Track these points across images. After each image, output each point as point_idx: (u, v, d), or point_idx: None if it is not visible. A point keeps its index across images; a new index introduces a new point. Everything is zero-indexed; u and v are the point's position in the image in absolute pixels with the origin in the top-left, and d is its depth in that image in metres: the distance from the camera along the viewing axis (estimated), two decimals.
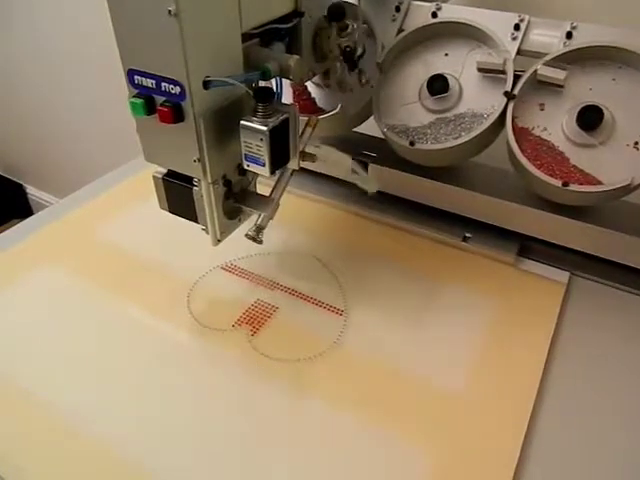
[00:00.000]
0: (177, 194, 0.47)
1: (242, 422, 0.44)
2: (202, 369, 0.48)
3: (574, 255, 0.58)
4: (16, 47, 1.34)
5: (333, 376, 0.47)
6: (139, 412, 0.45)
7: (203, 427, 0.44)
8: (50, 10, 1.20)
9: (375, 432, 0.43)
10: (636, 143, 0.49)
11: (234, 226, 0.50)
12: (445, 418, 0.44)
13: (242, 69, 0.42)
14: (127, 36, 0.39)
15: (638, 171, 0.49)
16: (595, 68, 0.51)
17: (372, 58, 0.57)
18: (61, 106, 1.38)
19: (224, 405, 0.45)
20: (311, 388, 0.47)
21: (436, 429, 0.44)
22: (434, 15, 0.57)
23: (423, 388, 0.46)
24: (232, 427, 0.44)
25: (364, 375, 0.48)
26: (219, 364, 0.49)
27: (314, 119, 0.49)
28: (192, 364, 0.49)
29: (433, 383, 0.47)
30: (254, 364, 0.48)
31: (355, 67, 0.51)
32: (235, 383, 0.47)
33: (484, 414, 0.45)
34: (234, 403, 0.46)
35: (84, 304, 0.54)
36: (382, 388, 0.47)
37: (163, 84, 0.39)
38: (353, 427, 0.44)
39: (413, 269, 0.59)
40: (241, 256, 0.60)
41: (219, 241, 0.49)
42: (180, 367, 0.48)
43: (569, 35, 0.51)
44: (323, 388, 0.46)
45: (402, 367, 0.48)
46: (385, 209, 0.65)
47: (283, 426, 0.44)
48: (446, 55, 0.56)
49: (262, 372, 0.48)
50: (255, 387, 0.47)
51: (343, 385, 0.47)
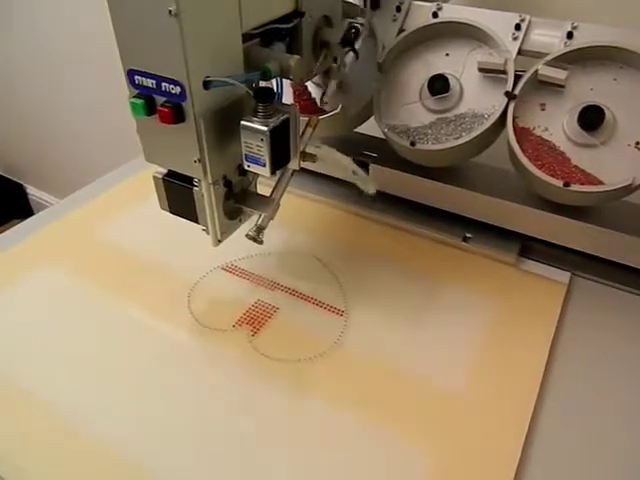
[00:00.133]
0: (177, 194, 0.47)
1: (242, 422, 0.44)
2: (202, 369, 0.48)
3: (575, 255, 0.58)
4: (16, 47, 1.34)
5: (333, 376, 0.47)
6: (139, 412, 0.45)
7: (203, 427, 0.44)
8: (50, 10, 1.20)
9: (375, 432, 0.43)
10: (637, 143, 0.49)
11: (234, 226, 0.50)
12: (445, 418, 0.44)
13: (242, 69, 0.42)
14: (127, 36, 0.39)
15: (639, 171, 0.49)
16: (596, 68, 0.51)
17: (373, 58, 0.57)
18: (61, 106, 1.38)
19: (224, 405, 0.45)
20: (311, 388, 0.47)
21: (436, 429, 0.43)
22: (435, 15, 0.57)
23: (423, 388, 0.46)
24: (232, 427, 0.44)
25: (364, 375, 0.48)
26: (219, 364, 0.49)
27: (315, 119, 0.49)
28: (192, 364, 0.49)
29: (433, 383, 0.47)
30: (254, 364, 0.48)
31: (354, 51, 0.51)
32: (235, 383, 0.47)
33: (484, 414, 0.45)
34: (234, 403, 0.46)
35: (84, 304, 0.54)
36: (382, 388, 0.47)
37: (163, 84, 0.39)
38: (353, 427, 0.43)
39: (413, 269, 0.59)
40: (241, 256, 0.60)
41: (219, 241, 0.49)
42: (180, 367, 0.48)
43: (570, 35, 0.51)
44: (323, 388, 0.46)
45: (402, 367, 0.48)
46: (385, 209, 0.65)
47: (283, 426, 0.44)
48: (447, 55, 0.56)
49: (262, 372, 0.48)
50: (255, 387, 0.47)
51: (343, 385, 0.47)
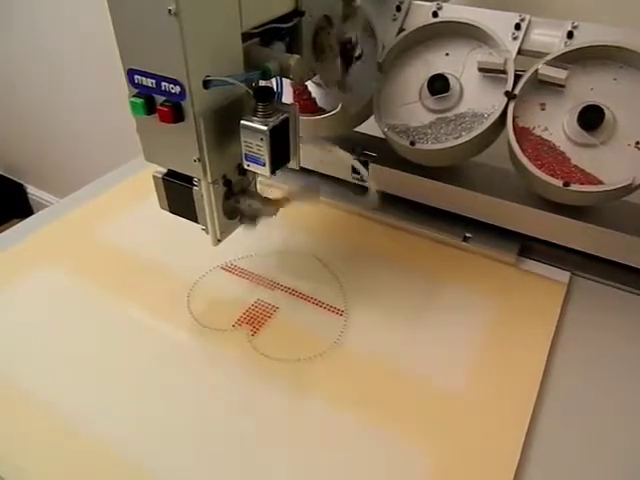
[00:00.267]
0: (177, 194, 0.47)
1: (242, 422, 0.44)
2: (202, 369, 0.48)
3: (575, 255, 0.58)
4: (16, 47, 1.34)
5: (333, 376, 0.47)
6: (139, 412, 0.45)
7: (203, 427, 0.44)
8: (50, 10, 1.20)
9: (375, 432, 0.43)
10: (637, 143, 0.49)
11: (234, 226, 0.50)
12: (445, 418, 0.44)
13: (242, 68, 0.42)
14: (127, 36, 0.38)
15: (639, 171, 0.48)
16: (596, 68, 0.51)
17: (373, 58, 0.57)
18: (61, 106, 1.38)
19: (224, 405, 0.45)
20: (311, 388, 0.46)
21: (436, 429, 0.43)
22: (435, 15, 0.57)
23: (423, 388, 0.46)
24: (232, 427, 0.44)
25: (364, 375, 0.48)
26: (219, 364, 0.49)
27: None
28: (192, 364, 0.49)
29: (433, 383, 0.47)
30: (254, 364, 0.48)
31: (350, 64, 0.51)
32: (235, 383, 0.47)
33: (484, 414, 0.45)
34: (234, 403, 0.46)
35: (84, 304, 0.54)
36: (382, 388, 0.47)
37: (163, 84, 0.39)
38: (353, 427, 0.43)
39: (413, 269, 0.58)
40: (241, 256, 0.60)
41: (219, 241, 0.49)
42: (180, 367, 0.48)
43: (570, 35, 0.51)
44: (323, 388, 0.46)
45: (402, 367, 0.48)
46: (385, 209, 0.64)
47: (283, 426, 0.44)
48: (447, 55, 0.56)
49: (262, 372, 0.48)
50: (255, 387, 0.46)
51: (343, 385, 0.47)
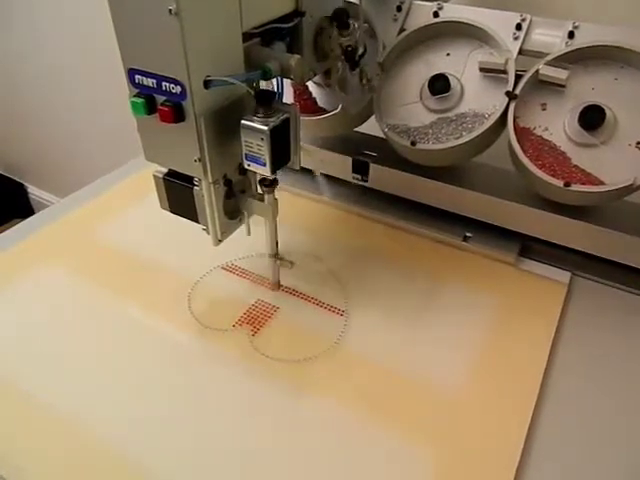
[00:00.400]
0: (178, 194, 0.47)
1: (242, 422, 0.44)
2: (202, 369, 0.48)
3: (575, 255, 0.58)
4: (16, 47, 1.34)
5: (333, 376, 0.47)
6: (139, 412, 0.45)
7: (203, 427, 0.44)
8: (50, 10, 1.20)
9: (375, 432, 0.43)
10: (638, 143, 0.49)
11: (235, 226, 0.50)
12: (445, 418, 0.44)
13: (243, 69, 0.42)
14: (128, 36, 0.38)
15: None
16: (597, 68, 0.51)
17: (374, 58, 0.57)
18: (61, 106, 1.38)
19: (224, 405, 0.45)
20: (311, 388, 0.46)
21: (436, 429, 0.43)
22: (435, 15, 0.57)
23: (423, 388, 0.46)
24: (232, 426, 0.44)
25: (364, 375, 0.48)
26: (220, 364, 0.48)
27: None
28: (192, 364, 0.49)
29: (433, 383, 0.47)
30: (255, 364, 0.48)
31: (356, 66, 0.51)
32: (235, 383, 0.47)
33: (485, 414, 0.45)
34: (234, 403, 0.45)
35: (84, 304, 0.54)
36: (383, 388, 0.47)
37: (164, 83, 0.39)
38: (353, 427, 0.43)
39: (413, 269, 0.58)
40: (241, 256, 0.60)
41: (220, 241, 0.49)
42: (180, 367, 0.48)
43: (571, 35, 0.51)
44: (323, 388, 0.46)
45: (402, 367, 0.48)
46: (385, 209, 0.65)
47: (283, 426, 0.44)
48: (448, 55, 0.56)
49: (262, 372, 0.48)
50: (255, 387, 0.46)
51: (343, 385, 0.47)
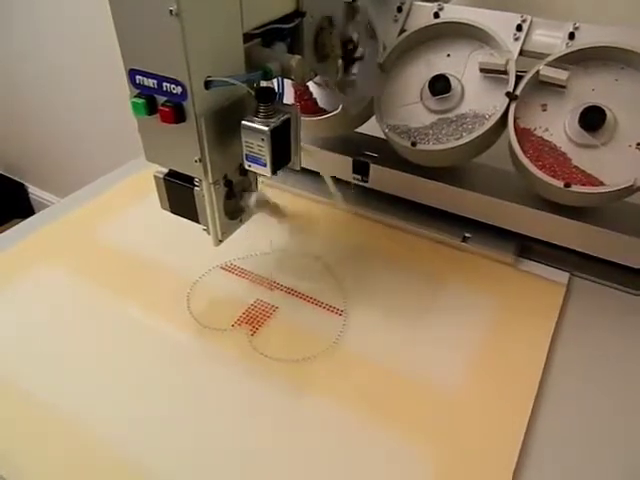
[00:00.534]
0: (178, 194, 0.47)
1: (241, 421, 0.44)
2: (202, 369, 0.48)
3: (574, 256, 0.58)
4: (16, 47, 1.34)
5: (332, 376, 0.47)
6: (139, 412, 0.45)
7: (203, 427, 0.44)
8: (50, 10, 1.20)
9: (375, 432, 0.43)
10: (638, 144, 0.49)
11: (235, 226, 0.50)
12: (445, 418, 0.44)
13: (244, 69, 0.42)
14: (128, 36, 0.39)
15: None
16: (598, 69, 0.51)
17: (374, 58, 0.57)
18: (62, 106, 1.38)
19: (224, 404, 0.45)
20: (311, 388, 0.47)
21: (435, 429, 0.43)
22: (436, 15, 0.57)
23: (422, 388, 0.46)
24: (231, 426, 0.44)
25: (364, 375, 0.48)
26: (219, 364, 0.49)
27: None
28: (192, 364, 0.49)
29: (432, 383, 0.47)
30: (254, 364, 0.48)
31: (352, 65, 0.51)
32: (235, 383, 0.47)
33: (484, 414, 0.45)
34: (234, 403, 0.46)
35: (84, 304, 0.54)
36: (382, 388, 0.47)
37: (164, 84, 0.39)
38: (353, 427, 0.43)
39: (413, 269, 0.59)
40: (241, 256, 0.60)
41: (220, 241, 0.49)
42: (180, 367, 0.48)
43: (572, 36, 0.51)
44: (323, 388, 0.46)
45: (402, 367, 0.48)
46: (385, 209, 0.65)
47: (282, 426, 0.44)
48: (448, 55, 0.56)
49: (261, 372, 0.48)
50: (254, 387, 0.47)
51: (343, 385, 0.47)
